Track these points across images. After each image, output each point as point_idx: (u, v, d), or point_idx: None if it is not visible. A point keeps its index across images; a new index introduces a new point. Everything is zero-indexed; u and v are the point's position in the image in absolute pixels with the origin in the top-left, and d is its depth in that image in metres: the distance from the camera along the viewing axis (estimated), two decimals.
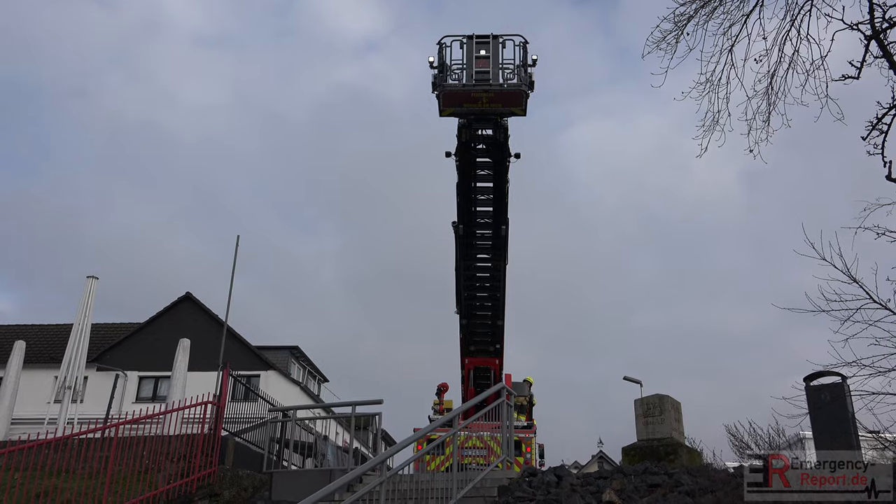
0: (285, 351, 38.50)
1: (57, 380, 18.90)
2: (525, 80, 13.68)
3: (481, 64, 13.65)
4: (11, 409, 18.71)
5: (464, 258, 17.14)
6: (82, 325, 18.75)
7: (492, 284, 17.55)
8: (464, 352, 18.89)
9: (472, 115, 14.31)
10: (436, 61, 13.76)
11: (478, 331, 18.67)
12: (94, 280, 19.38)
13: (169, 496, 10.23)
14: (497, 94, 13.59)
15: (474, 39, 13.80)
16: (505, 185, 15.69)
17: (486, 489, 9.91)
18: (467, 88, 13.62)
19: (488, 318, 18.30)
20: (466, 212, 16.30)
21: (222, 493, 10.74)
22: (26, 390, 21.82)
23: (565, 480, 9.71)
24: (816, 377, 9.44)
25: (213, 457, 10.94)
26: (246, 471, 11.65)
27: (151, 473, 10.60)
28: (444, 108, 14.04)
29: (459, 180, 15.73)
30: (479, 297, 17.98)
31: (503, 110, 14.07)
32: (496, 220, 16.42)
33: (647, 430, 10.59)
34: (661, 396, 10.85)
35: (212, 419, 11.33)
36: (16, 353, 19.21)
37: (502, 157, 15.18)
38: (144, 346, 33.46)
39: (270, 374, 33.94)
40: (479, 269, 17.47)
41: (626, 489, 9.08)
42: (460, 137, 14.94)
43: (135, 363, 33.30)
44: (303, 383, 38.64)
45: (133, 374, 33.57)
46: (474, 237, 16.84)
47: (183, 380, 18.72)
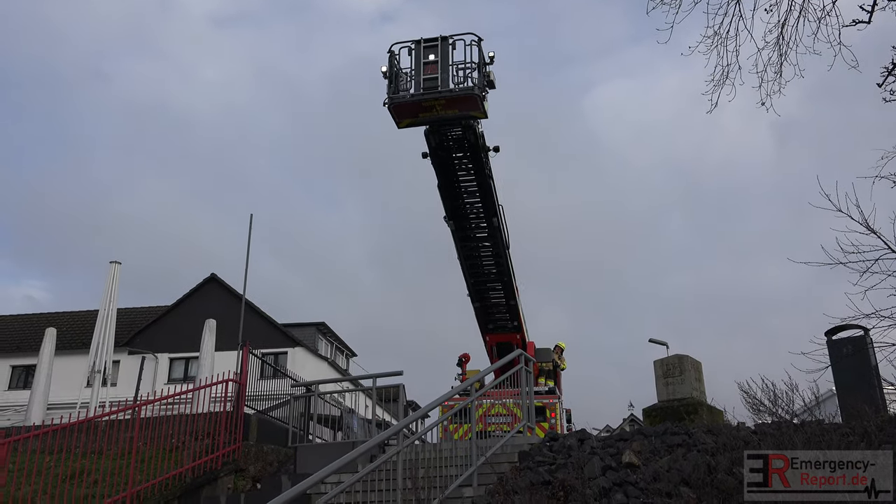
0: (312, 327, 38.88)
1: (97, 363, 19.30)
2: (480, 80, 13.29)
3: (430, 70, 13.24)
4: (46, 395, 19.11)
5: (462, 249, 17.01)
6: (108, 311, 19.03)
7: (497, 270, 17.42)
8: (483, 330, 18.91)
9: (431, 124, 13.98)
10: (388, 72, 13.42)
11: (493, 311, 18.58)
12: (116, 265, 19.62)
13: (195, 473, 10.43)
14: (449, 99, 13.20)
15: (422, 44, 13.41)
16: (487, 180, 15.40)
17: (506, 455, 9.96)
18: (416, 99, 13.28)
19: (501, 299, 18.24)
20: (454, 208, 16.07)
21: (247, 467, 10.93)
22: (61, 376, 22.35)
23: (586, 444, 9.71)
24: (838, 331, 9.30)
25: (236, 433, 11.12)
26: (270, 446, 11.82)
27: (178, 452, 10.80)
28: (399, 121, 13.77)
29: (439, 181, 15.51)
30: (486, 282, 17.88)
31: (461, 115, 13.70)
32: (486, 213, 16.18)
33: (667, 390, 10.55)
34: (680, 356, 10.78)
35: (234, 397, 11.48)
36: (48, 341, 19.55)
37: (478, 156, 14.88)
38: (173, 327, 34.03)
39: (297, 350, 34.37)
40: (482, 257, 17.32)
41: (645, 450, 9.06)
42: (429, 143, 14.70)
43: (165, 345, 33.94)
44: (330, 359, 39.05)
45: (164, 356, 34.23)
46: (468, 230, 16.66)
47: (211, 360, 18.95)
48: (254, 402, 13.01)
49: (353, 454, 7.46)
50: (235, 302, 35.23)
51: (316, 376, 31.12)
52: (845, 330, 9.29)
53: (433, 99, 13.14)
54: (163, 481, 10.07)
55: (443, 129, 14.42)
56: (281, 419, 13.43)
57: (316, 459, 11.16)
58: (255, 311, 35.66)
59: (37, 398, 18.66)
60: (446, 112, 13.46)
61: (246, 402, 12.27)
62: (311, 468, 11.28)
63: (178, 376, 33.35)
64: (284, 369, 14.63)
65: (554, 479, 8.61)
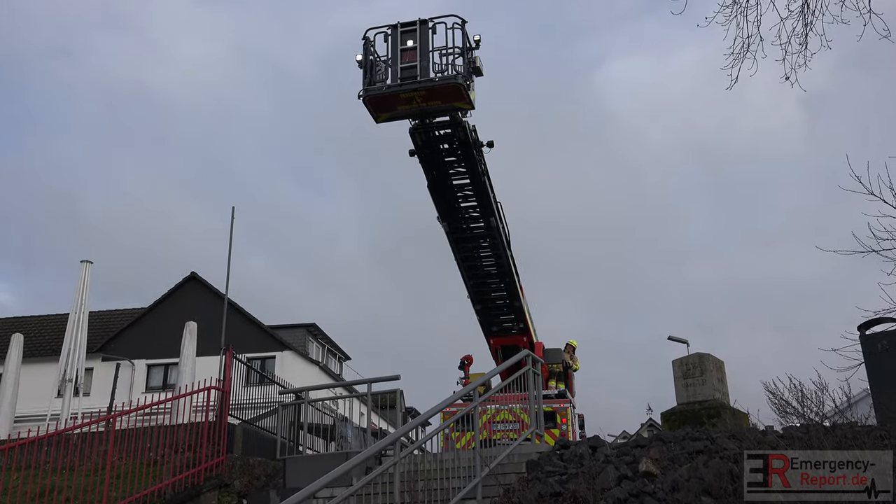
0: (301, 329, 38.96)
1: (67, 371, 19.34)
2: (464, 68, 12.92)
3: (408, 57, 12.88)
4: (13, 407, 19.15)
5: (459, 251, 16.93)
6: (79, 314, 19.08)
7: (498, 270, 17.34)
8: (487, 333, 18.90)
9: (412, 118, 13.75)
10: (363, 61, 13.12)
11: (496, 313, 18.56)
12: (88, 264, 19.66)
13: (176, 489, 10.46)
14: (430, 90, 12.85)
15: (399, 29, 13.05)
16: (481, 178, 15.26)
17: (513, 465, 9.98)
18: (393, 90, 12.92)
19: (504, 300, 18.20)
20: (446, 209, 15.97)
21: (232, 482, 10.97)
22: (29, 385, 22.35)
23: (599, 452, 9.74)
24: (871, 325, 9.31)
25: (220, 446, 11.15)
26: (257, 458, 11.86)
27: (157, 466, 10.83)
28: (377, 116, 13.47)
29: (429, 182, 15.38)
30: (487, 283, 17.82)
31: (444, 107, 13.38)
32: (482, 212, 16.06)
33: (686, 392, 10.57)
34: (701, 355, 10.80)
35: (217, 406, 11.51)
36: (14, 347, 19.58)
37: (470, 154, 14.71)
38: (150, 331, 34.06)
39: (286, 354, 34.43)
40: (481, 257, 17.23)
41: (664, 457, 9.07)
42: (415, 141, 14.53)
43: (142, 351, 33.98)
44: (322, 363, 39.12)
45: (140, 363, 34.28)
46: (464, 231, 16.56)
47: (192, 366, 18.98)
48: (239, 411, 13.03)
49: (345, 466, 7.48)
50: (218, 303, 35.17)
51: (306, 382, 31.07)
52: (880, 324, 9.29)
53: (412, 90, 12.81)
54: (141, 498, 10.10)
55: (428, 125, 14.22)
56: (269, 429, 13.46)
57: (307, 472, 11.17)
58: (240, 312, 35.69)
59: (3, 410, 18.69)
60: (428, 104, 13.14)
61: (230, 411, 12.30)
62: (301, 482, 11.29)
63: (157, 384, 33.40)
64: (272, 375, 14.64)
65: (565, 490, 8.63)
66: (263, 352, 34.20)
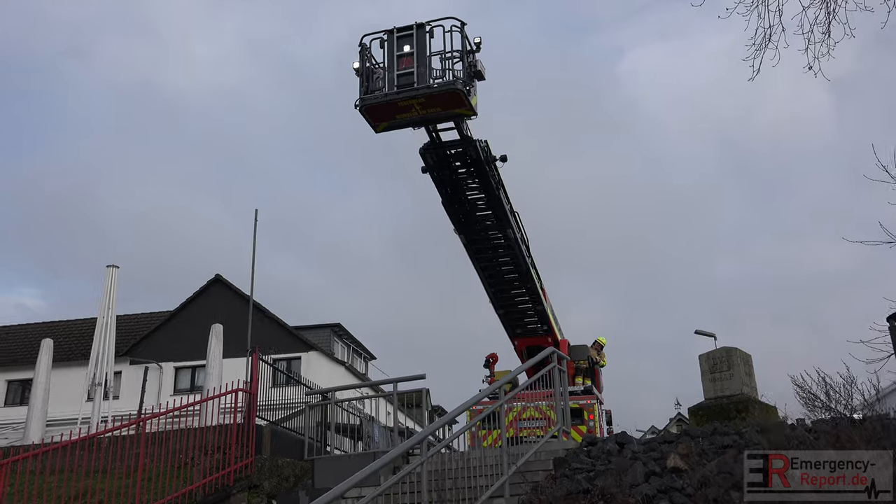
0: (327, 329, 39.23)
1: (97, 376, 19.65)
2: (463, 73, 12.49)
3: (404, 64, 12.49)
4: (45, 412, 19.51)
5: (478, 261, 16.94)
6: (107, 318, 19.38)
7: (519, 276, 17.32)
8: (511, 335, 18.93)
9: (412, 126, 13.48)
10: (360, 68, 12.80)
11: (519, 316, 18.58)
12: (114, 269, 19.96)
13: (206, 490, 10.62)
14: (429, 97, 12.48)
15: (395, 34, 12.70)
16: (496, 192, 15.19)
17: (540, 462, 10.02)
18: (390, 99, 12.55)
19: (526, 305, 18.22)
20: (462, 223, 15.98)
21: (261, 483, 11.10)
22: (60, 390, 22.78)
23: (627, 448, 9.74)
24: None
25: (248, 447, 11.29)
26: (286, 459, 11.98)
27: (187, 468, 10.99)
28: (376, 125, 13.21)
29: (443, 199, 15.37)
30: (508, 289, 17.83)
31: (445, 114, 13.10)
32: (499, 225, 15.99)
33: (714, 387, 10.53)
34: (728, 349, 10.75)
35: (244, 407, 11.66)
36: (44, 353, 19.95)
37: (483, 171, 14.61)
38: (177, 334, 34.46)
39: (312, 355, 34.69)
40: (500, 265, 17.20)
41: (692, 453, 9.07)
42: (426, 161, 14.48)
43: (169, 353, 34.38)
44: (347, 363, 39.36)
45: (168, 366, 34.67)
46: (482, 242, 16.54)
47: (218, 368, 19.25)
48: (266, 412, 13.18)
49: (373, 466, 7.56)
50: (243, 304, 35.57)
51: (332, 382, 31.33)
52: None
53: (410, 97, 12.47)
54: (172, 501, 10.26)
55: (439, 145, 14.14)
56: (296, 430, 13.59)
57: (335, 473, 11.29)
58: (265, 313, 36.01)
59: (35, 414, 19.06)
60: (427, 112, 12.84)
61: (258, 412, 12.45)
62: (330, 482, 11.42)
63: (185, 386, 33.80)
64: (298, 376, 14.79)
65: (593, 486, 8.65)
66: (289, 353, 34.51)
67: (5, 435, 29.47)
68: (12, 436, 27.28)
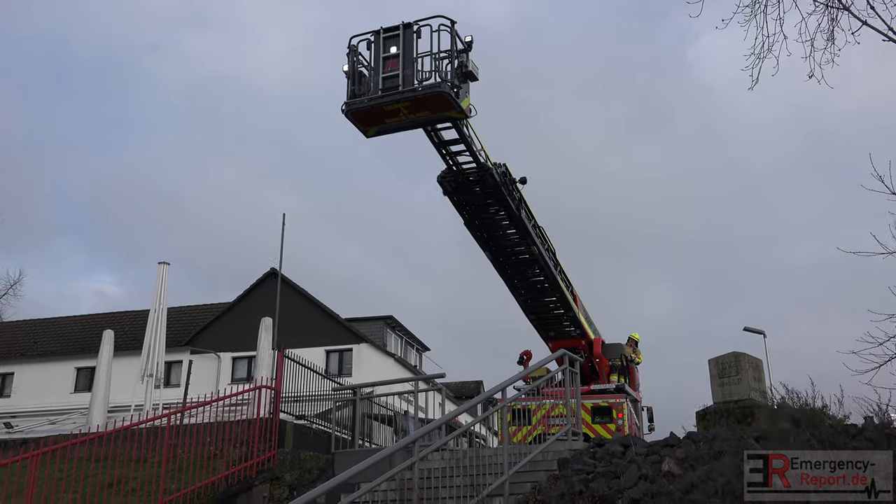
0: (379, 322, 39.93)
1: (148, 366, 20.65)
2: (450, 73, 12.08)
3: (390, 66, 12.17)
4: (107, 399, 20.58)
5: (506, 275, 17.18)
6: (158, 313, 20.29)
7: (551, 286, 17.47)
8: (545, 338, 19.12)
9: (403, 130, 13.22)
10: (349, 71, 12.53)
11: (551, 321, 18.76)
12: (165, 266, 20.88)
13: (229, 481, 11.21)
14: (415, 101, 12.09)
15: (382, 35, 12.39)
16: (518, 213, 15.28)
17: (547, 462, 10.29)
18: (374, 103, 12.22)
19: (558, 310, 18.39)
20: (487, 242, 16.19)
21: (283, 476, 11.64)
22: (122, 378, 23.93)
23: (630, 450, 9.93)
24: None
25: (272, 440, 11.84)
26: (309, 453, 12.50)
27: (216, 459, 11.61)
28: (365, 130, 12.97)
29: (464, 220, 15.57)
30: (538, 298, 18.02)
31: (434, 118, 12.78)
32: (523, 243, 16.12)
33: (722, 391, 10.60)
34: (737, 354, 10.79)
35: (269, 403, 12.23)
36: (105, 343, 21.05)
37: (501, 195, 14.67)
38: (235, 325, 35.62)
39: (363, 347, 35.40)
40: (528, 277, 17.40)
41: (691, 457, 9.21)
42: (444, 189, 14.64)
43: (227, 344, 35.59)
44: (399, 355, 40.00)
45: (226, 356, 35.91)
46: (508, 258, 16.76)
47: (268, 359, 20.00)
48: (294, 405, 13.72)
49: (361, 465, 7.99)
50: (298, 297, 36.71)
51: (382, 374, 32.10)
52: None
53: (395, 101, 12.12)
54: (197, 490, 10.89)
55: (456, 172, 14.29)
56: (324, 425, 14.13)
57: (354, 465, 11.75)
58: (318, 306, 36.95)
59: (97, 402, 20.19)
60: (416, 115, 12.51)
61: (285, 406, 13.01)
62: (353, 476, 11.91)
63: (242, 376, 34.91)
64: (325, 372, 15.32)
65: (587, 489, 8.90)
66: (341, 344, 35.36)
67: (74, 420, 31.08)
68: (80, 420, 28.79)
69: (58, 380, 37.25)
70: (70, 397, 35.23)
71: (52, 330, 41.30)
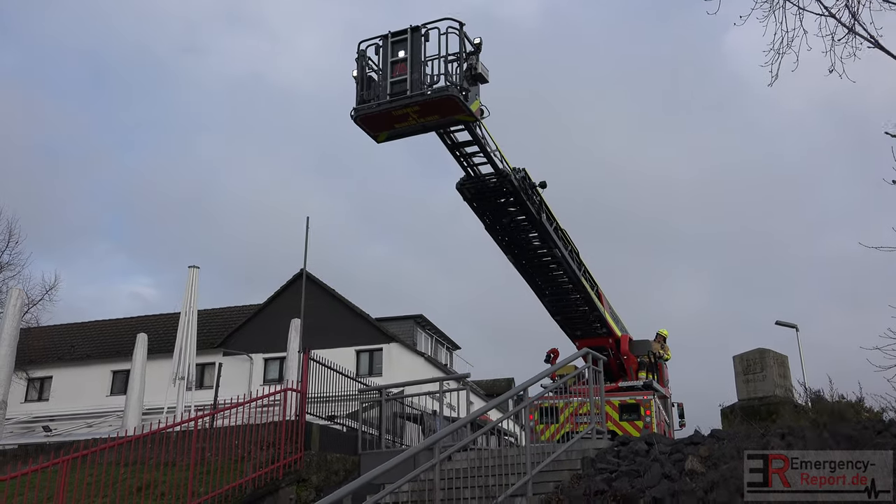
0: (409, 321, 40.01)
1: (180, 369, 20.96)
2: (458, 77, 11.99)
3: (398, 70, 12.08)
4: (141, 401, 20.92)
5: (530, 278, 17.19)
6: (189, 315, 20.58)
7: (574, 287, 17.45)
8: (571, 337, 19.10)
9: (413, 135, 13.11)
10: (358, 76, 12.47)
11: (578, 320, 18.75)
12: (195, 269, 21.16)
13: (256, 484, 11.35)
14: (423, 105, 11.98)
15: (390, 39, 12.27)
16: (539, 217, 15.21)
17: (570, 461, 10.27)
18: (382, 108, 12.15)
19: (583, 309, 18.36)
20: (510, 246, 16.19)
21: (310, 478, 11.76)
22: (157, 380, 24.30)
23: (654, 448, 9.88)
24: None
25: (298, 443, 11.96)
26: (335, 454, 12.61)
27: (244, 462, 11.77)
28: (375, 136, 12.90)
29: (485, 226, 15.56)
30: (563, 298, 18.00)
31: (444, 121, 12.64)
32: (545, 246, 16.10)
33: (747, 388, 10.53)
34: (762, 351, 10.70)
35: (295, 405, 12.35)
36: (139, 347, 21.40)
37: (521, 200, 14.64)
38: (266, 326, 35.91)
39: (393, 346, 35.52)
40: (553, 278, 17.37)
41: (714, 455, 9.14)
42: (464, 196, 14.63)
43: (259, 345, 35.93)
44: (429, 354, 40.07)
45: (258, 357, 36.27)
46: (531, 260, 16.75)
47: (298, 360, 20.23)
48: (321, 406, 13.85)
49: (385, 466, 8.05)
50: (328, 298, 36.96)
51: (412, 373, 32.18)
52: None
53: (404, 106, 12.04)
54: (224, 493, 11.04)
55: (475, 179, 14.27)
56: (350, 426, 14.23)
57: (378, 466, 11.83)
58: (348, 306, 37.15)
59: (132, 404, 20.52)
60: (425, 120, 12.41)
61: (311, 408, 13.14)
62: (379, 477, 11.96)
63: (274, 377, 35.23)
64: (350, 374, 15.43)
65: (610, 488, 8.87)
66: (372, 344, 35.52)
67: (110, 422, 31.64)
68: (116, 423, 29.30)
69: (94, 383, 37.90)
70: (106, 400, 35.82)
71: (87, 334, 42.03)
